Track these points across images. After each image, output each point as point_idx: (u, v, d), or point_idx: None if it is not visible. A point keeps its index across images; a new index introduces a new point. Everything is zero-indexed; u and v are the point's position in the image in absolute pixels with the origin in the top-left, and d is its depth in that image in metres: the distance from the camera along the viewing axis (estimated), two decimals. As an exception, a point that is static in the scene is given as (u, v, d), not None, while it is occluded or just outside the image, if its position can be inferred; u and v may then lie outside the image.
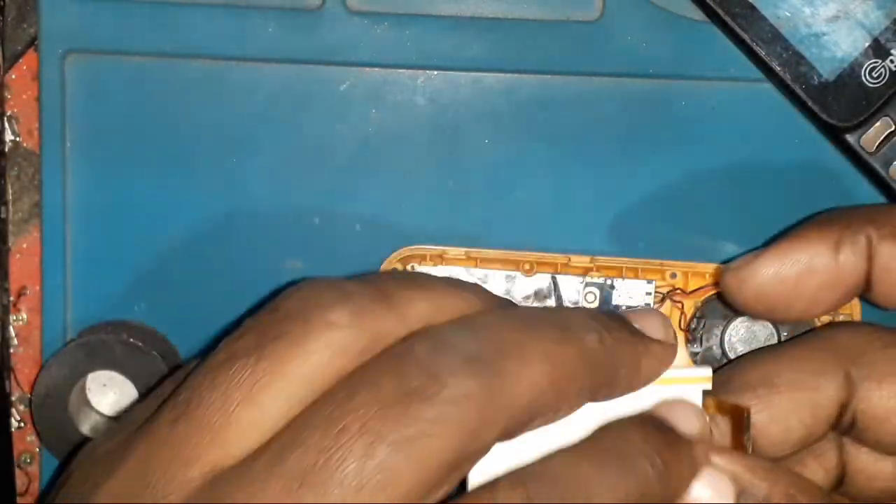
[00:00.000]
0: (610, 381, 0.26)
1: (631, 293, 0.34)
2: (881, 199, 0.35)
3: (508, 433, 0.25)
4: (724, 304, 0.34)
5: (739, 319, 0.34)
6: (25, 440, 0.36)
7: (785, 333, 0.34)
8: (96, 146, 0.35)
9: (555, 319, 0.26)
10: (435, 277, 0.28)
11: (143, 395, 0.29)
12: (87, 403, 0.36)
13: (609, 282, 0.34)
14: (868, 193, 0.35)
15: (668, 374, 0.28)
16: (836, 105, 0.33)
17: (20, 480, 0.37)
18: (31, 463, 0.37)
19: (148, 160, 0.35)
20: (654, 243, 0.35)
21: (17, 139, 0.36)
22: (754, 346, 0.34)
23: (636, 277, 0.34)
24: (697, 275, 0.34)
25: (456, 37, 0.35)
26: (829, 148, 0.34)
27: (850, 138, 0.33)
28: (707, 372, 0.28)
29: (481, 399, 0.24)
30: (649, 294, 0.34)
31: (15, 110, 0.35)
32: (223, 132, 0.35)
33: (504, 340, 0.25)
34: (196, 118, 0.35)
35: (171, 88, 0.35)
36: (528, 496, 0.24)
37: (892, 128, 0.33)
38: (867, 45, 0.33)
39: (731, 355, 0.34)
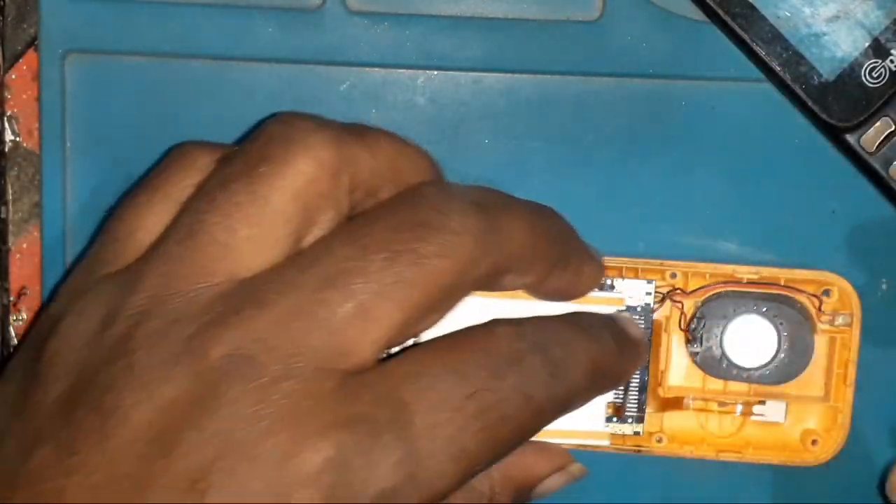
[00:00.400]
0: (567, 260, 0.31)
1: (631, 293, 0.34)
2: (881, 199, 0.35)
3: (494, 273, 0.28)
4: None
5: (739, 319, 0.34)
6: (25, 440, 0.36)
7: (785, 334, 0.34)
8: (96, 146, 0.35)
9: (529, 201, 0.31)
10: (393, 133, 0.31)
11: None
12: (87, 403, 0.36)
13: (609, 282, 0.34)
14: (868, 193, 0.35)
15: (591, 295, 0.32)
16: (836, 105, 0.33)
17: (20, 480, 0.37)
18: (31, 463, 0.37)
19: (148, 160, 0.35)
20: (654, 243, 0.35)
21: (17, 139, 0.36)
22: (754, 346, 0.34)
23: (636, 277, 0.34)
24: (697, 275, 0.34)
25: (456, 37, 0.35)
26: (829, 148, 0.34)
27: (850, 138, 0.33)
28: (620, 296, 0.33)
29: (479, 234, 0.27)
30: (649, 294, 0.34)
31: (15, 110, 0.35)
32: (223, 132, 0.35)
33: (496, 198, 0.29)
34: (196, 118, 0.35)
35: (172, 88, 0.35)
36: (522, 333, 0.28)
37: (892, 128, 0.33)
38: (867, 45, 0.33)
39: (732, 356, 0.34)
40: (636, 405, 0.34)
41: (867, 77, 0.33)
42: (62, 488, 0.25)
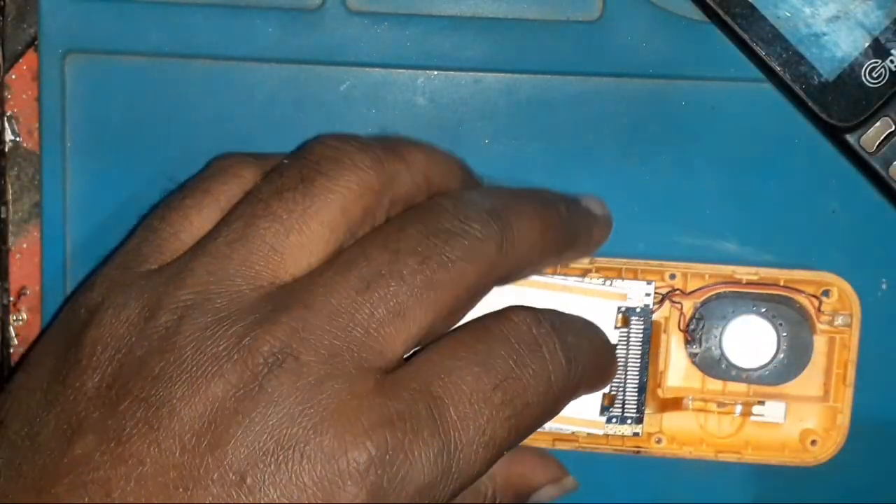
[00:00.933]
0: (574, 242, 0.33)
1: (630, 294, 0.34)
2: (881, 199, 0.35)
3: (511, 273, 0.31)
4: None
5: (738, 320, 0.34)
6: (25, 440, 0.36)
7: (784, 334, 0.34)
8: (96, 146, 0.35)
9: (533, 191, 0.33)
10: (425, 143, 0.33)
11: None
12: (88, 403, 0.36)
13: (608, 282, 0.34)
14: (868, 194, 0.35)
15: (590, 286, 0.34)
16: (837, 105, 0.33)
17: (20, 480, 0.37)
18: (32, 463, 0.37)
19: (148, 160, 0.35)
20: (654, 243, 0.35)
21: (18, 139, 0.36)
22: (753, 346, 0.34)
23: (635, 278, 0.34)
24: (697, 275, 0.34)
25: (456, 37, 0.35)
26: (830, 148, 0.34)
27: (850, 138, 0.33)
28: (623, 292, 0.34)
29: (498, 239, 0.29)
30: (648, 295, 0.34)
31: (15, 110, 0.35)
32: (223, 132, 0.35)
33: (508, 202, 0.31)
34: (196, 118, 0.35)
35: (171, 88, 0.35)
36: (538, 318, 0.30)
37: (893, 128, 0.33)
38: (867, 45, 0.33)
39: (731, 356, 0.34)
40: (635, 406, 0.34)
41: (867, 77, 0.33)
42: (107, 479, 0.25)
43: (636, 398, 0.34)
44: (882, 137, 0.33)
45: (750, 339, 0.34)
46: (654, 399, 0.35)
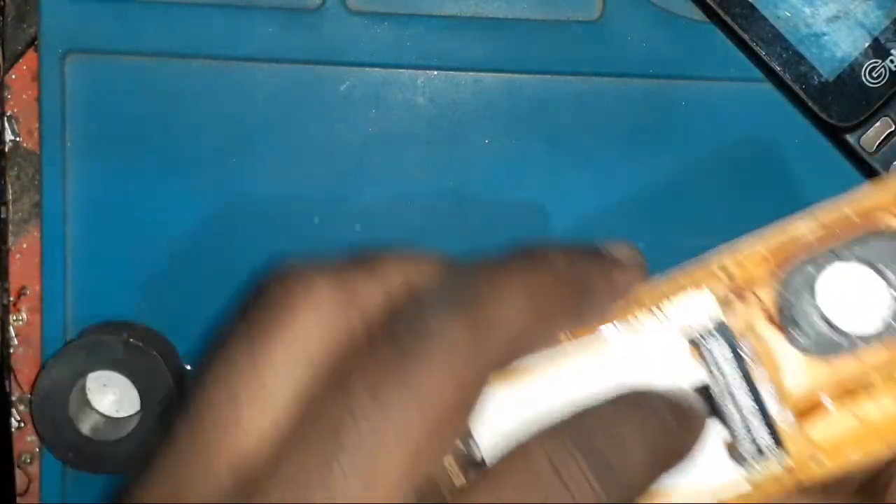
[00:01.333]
0: (587, 296, 0.27)
1: (688, 315, 0.27)
2: (881, 199, 0.35)
3: (502, 363, 0.26)
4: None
5: (828, 279, 0.27)
6: (25, 440, 0.37)
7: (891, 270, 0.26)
8: (96, 146, 0.35)
9: (522, 250, 0.27)
10: (404, 245, 0.29)
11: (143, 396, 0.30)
12: (88, 403, 0.36)
13: (655, 313, 0.28)
14: (868, 193, 0.35)
15: (636, 329, 0.27)
16: (836, 105, 0.33)
17: (20, 480, 0.37)
18: (31, 463, 0.37)
19: (148, 160, 0.35)
20: (654, 243, 0.35)
21: (18, 139, 0.36)
22: (863, 300, 0.27)
23: (682, 292, 0.27)
24: (752, 257, 0.28)
25: (456, 37, 0.35)
26: (830, 148, 0.34)
27: (850, 138, 0.33)
28: (679, 318, 0.27)
29: (470, 337, 0.25)
30: (711, 305, 0.27)
31: (15, 110, 0.35)
32: (223, 132, 0.35)
33: (479, 279, 0.26)
34: (196, 118, 0.35)
35: (171, 88, 0.35)
36: (558, 446, 0.25)
37: (892, 128, 0.33)
38: (867, 45, 0.33)
39: (843, 325, 0.27)
40: (767, 431, 0.27)
41: (867, 77, 0.33)
42: None
43: (762, 424, 0.27)
44: (882, 137, 0.33)
45: (856, 294, 0.27)
46: (786, 421, 0.28)
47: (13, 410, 0.36)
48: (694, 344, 0.27)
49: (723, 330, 0.27)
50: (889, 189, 0.27)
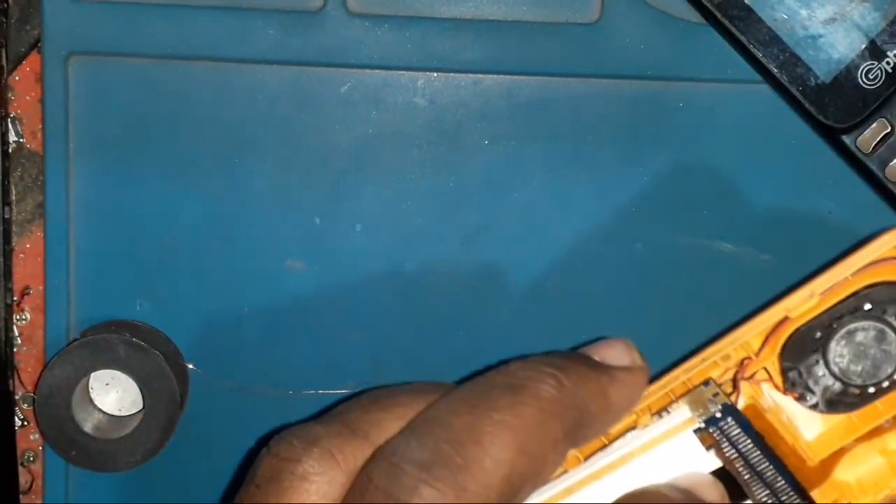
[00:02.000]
0: (582, 421, 0.26)
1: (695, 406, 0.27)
2: (878, 199, 0.35)
3: (515, 490, 0.25)
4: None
5: (836, 338, 0.27)
6: (29, 438, 0.37)
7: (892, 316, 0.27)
8: (99, 147, 0.35)
9: (502, 382, 0.26)
10: (397, 391, 0.28)
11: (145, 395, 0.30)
12: (91, 402, 0.36)
13: (662, 416, 0.28)
14: (865, 194, 0.35)
15: (645, 438, 0.27)
16: (833, 106, 0.33)
17: (23, 478, 0.37)
18: (35, 461, 0.37)
19: (150, 161, 0.35)
20: (652, 243, 0.35)
21: (21, 140, 0.36)
22: (871, 353, 0.27)
23: (687, 392, 0.28)
24: (750, 342, 0.28)
25: (456, 39, 0.35)
26: (826, 149, 0.35)
27: (846, 139, 0.34)
28: (687, 414, 0.27)
29: (453, 498, 0.24)
30: (717, 395, 0.27)
31: (18, 112, 0.36)
32: (225, 133, 0.35)
33: (455, 430, 0.25)
34: (198, 119, 0.35)
35: (174, 90, 0.35)
36: None
37: (889, 129, 0.33)
38: (864, 47, 0.33)
39: (854, 378, 0.27)
40: (792, 489, 0.27)
41: (864, 79, 0.33)
42: None
43: (788, 484, 0.27)
44: (878, 138, 0.33)
45: (862, 349, 0.27)
46: (806, 473, 0.28)
47: (17, 409, 0.37)
48: (701, 434, 0.27)
49: (730, 411, 0.27)
50: (882, 245, 0.27)
